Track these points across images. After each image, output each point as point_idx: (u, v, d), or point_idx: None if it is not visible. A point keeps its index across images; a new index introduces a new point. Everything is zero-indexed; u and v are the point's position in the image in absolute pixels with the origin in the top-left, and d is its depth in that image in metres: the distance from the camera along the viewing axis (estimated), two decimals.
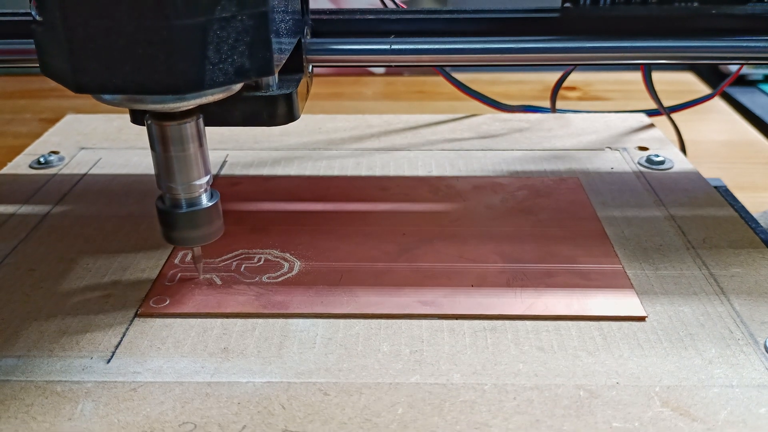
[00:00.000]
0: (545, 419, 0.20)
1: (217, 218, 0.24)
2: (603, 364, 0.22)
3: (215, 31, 0.18)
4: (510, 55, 0.28)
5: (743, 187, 0.38)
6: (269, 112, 0.25)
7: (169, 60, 0.18)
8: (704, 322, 0.24)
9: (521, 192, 0.33)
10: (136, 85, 0.18)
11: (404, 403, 0.20)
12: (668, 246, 0.28)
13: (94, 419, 0.20)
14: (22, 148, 0.38)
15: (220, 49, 0.18)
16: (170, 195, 0.23)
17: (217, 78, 0.19)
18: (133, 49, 0.18)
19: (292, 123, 0.25)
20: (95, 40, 0.18)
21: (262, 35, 0.19)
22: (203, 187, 0.23)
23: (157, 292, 0.25)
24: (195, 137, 0.23)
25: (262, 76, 0.20)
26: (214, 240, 0.24)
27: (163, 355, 0.22)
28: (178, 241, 0.24)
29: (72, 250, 0.28)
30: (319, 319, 0.24)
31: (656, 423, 0.19)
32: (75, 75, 0.18)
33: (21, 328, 0.24)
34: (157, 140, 0.22)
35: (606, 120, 0.42)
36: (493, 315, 0.24)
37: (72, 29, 0.18)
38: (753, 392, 0.21)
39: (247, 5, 0.18)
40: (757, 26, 0.27)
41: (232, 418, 0.20)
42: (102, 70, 0.18)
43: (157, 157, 0.23)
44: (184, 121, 0.22)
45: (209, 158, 0.24)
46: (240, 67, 0.19)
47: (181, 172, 0.23)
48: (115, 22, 0.18)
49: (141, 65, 0.18)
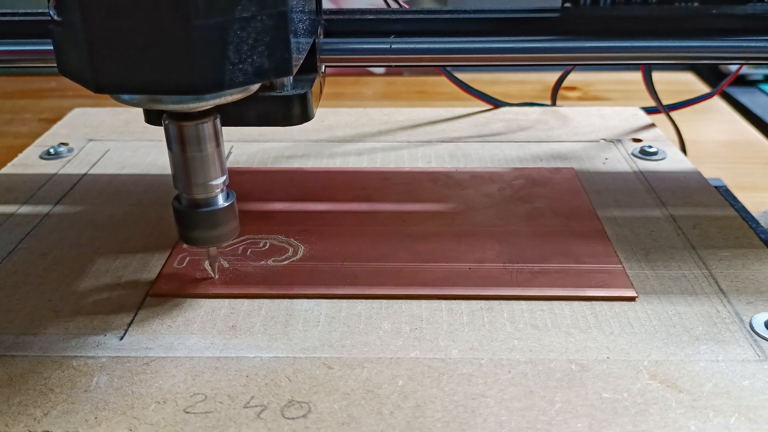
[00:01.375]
0: (538, 390, 0.21)
1: (233, 218, 0.24)
2: (594, 341, 0.23)
3: (235, 31, 0.18)
4: (510, 55, 0.29)
5: (743, 187, 0.38)
6: (284, 113, 0.25)
7: (189, 60, 0.18)
8: (692, 302, 0.25)
9: (518, 181, 0.34)
10: (155, 86, 0.18)
11: (404, 375, 0.21)
12: (660, 234, 0.29)
13: (109, 391, 0.21)
14: (22, 148, 0.38)
15: (239, 49, 0.18)
16: (187, 195, 0.23)
17: (237, 78, 0.19)
18: (152, 49, 0.18)
19: None
20: (115, 40, 0.18)
21: (282, 35, 0.19)
22: (220, 188, 0.23)
23: (167, 274, 0.26)
24: (212, 137, 0.23)
25: (281, 76, 0.20)
26: (230, 240, 0.24)
27: (173, 332, 0.23)
28: (195, 241, 0.24)
29: (83, 236, 0.29)
30: (323, 300, 0.25)
31: (644, 394, 0.20)
32: (94, 75, 0.18)
33: (36, 308, 0.25)
34: (175, 140, 0.22)
35: (602, 114, 0.43)
36: (489, 295, 0.25)
37: (92, 29, 0.18)
38: (737, 366, 0.22)
39: (266, 5, 0.19)
40: (757, 26, 0.27)
41: (240, 389, 0.21)
42: (121, 70, 0.18)
43: (174, 157, 0.23)
44: (202, 121, 0.22)
45: (225, 158, 0.24)
46: (259, 67, 0.19)
47: (198, 172, 0.23)
48: (135, 22, 0.18)
49: (161, 65, 0.18)
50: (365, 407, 0.20)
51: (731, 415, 0.20)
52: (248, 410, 0.20)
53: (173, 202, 0.24)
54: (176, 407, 0.20)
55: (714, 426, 0.19)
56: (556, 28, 0.28)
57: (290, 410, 0.20)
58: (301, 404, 0.20)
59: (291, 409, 0.20)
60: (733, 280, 0.26)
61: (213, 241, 0.24)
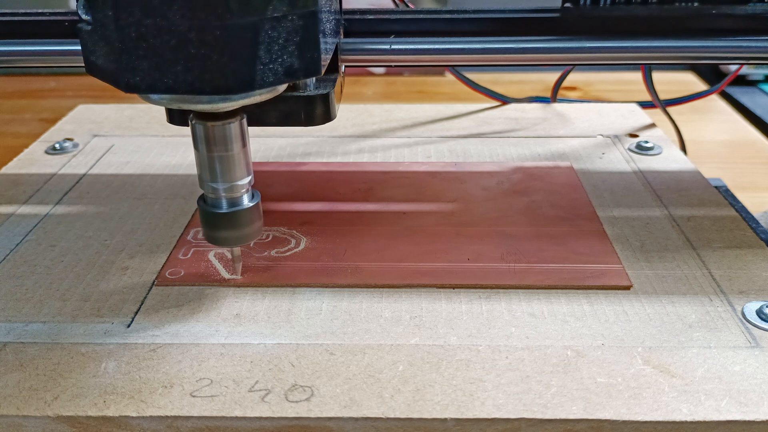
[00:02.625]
0: (535, 375, 0.21)
1: (258, 219, 0.24)
2: (590, 328, 0.23)
3: (266, 30, 0.18)
4: (510, 55, 0.29)
5: (744, 187, 0.38)
6: (307, 113, 0.25)
7: (222, 60, 0.18)
8: (686, 291, 0.25)
9: (516, 175, 0.34)
10: (186, 86, 0.18)
11: (404, 361, 0.22)
12: (655, 226, 0.30)
13: (117, 376, 0.21)
14: (21, 148, 0.39)
15: (270, 49, 0.19)
16: (212, 195, 0.23)
17: (267, 78, 0.19)
18: (185, 48, 0.18)
19: None
20: (147, 39, 0.18)
21: (312, 35, 0.19)
22: (245, 188, 0.24)
23: (173, 265, 0.27)
24: (239, 137, 0.23)
25: (310, 76, 0.20)
26: (254, 240, 0.24)
27: (179, 320, 0.24)
28: (220, 241, 0.24)
29: (90, 228, 0.30)
30: (325, 289, 0.26)
31: (638, 379, 0.21)
32: (125, 75, 0.18)
33: (45, 297, 0.25)
34: (201, 140, 0.22)
35: (599, 109, 0.44)
36: (487, 285, 0.26)
37: (123, 29, 0.18)
38: (729, 352, 0.22)
39: (297, 5, 0.19)
40: (758, 26, 0.27)
41: (245, 374, 0.21)
42: (152, 70, 0.18)
43: (201, 157, 0.23)
44: (229, 121, 0.22)
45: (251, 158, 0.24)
46: (289, 67, 0.19)
47: (224, 172, 0.23)
48: (168, 22, 0.18)
49: (193, 65, 0.18)
50: (366, 391, 0.21)
51: (722, 399, 0.20)
52: (253, 394, 0.21)
53: (198, 201, 0.24)
54: (182, 391, 0.21)
55: (705, 409, 0.20)
56: (556, 28, 0.28)
57: (294, 394, 0.21)
58: (304, 388, 0.21)
59: (294, 393, 0.21)
60: (726, 270, 0.26)
61: (238, 241, 0.24)
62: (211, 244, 0.25)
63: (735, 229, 0.29)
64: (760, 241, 0.28)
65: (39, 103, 0.59)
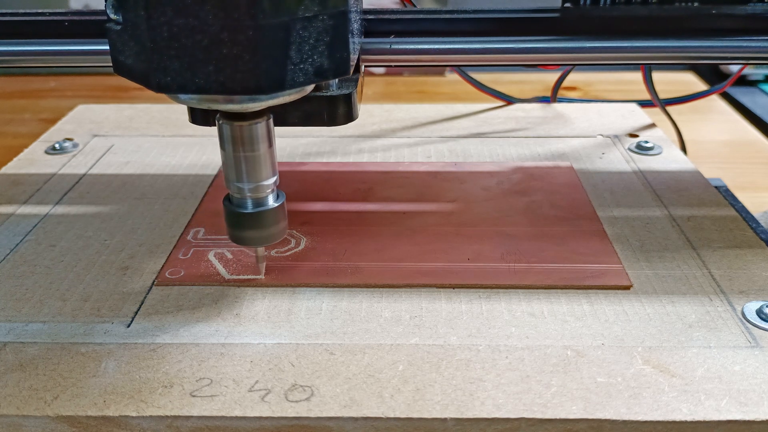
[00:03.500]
0: (535, 375, 0.21)
1: (283, 219, 0.24)
2: (590, 328, 0.23)
3: (298, 30, 0.18)
4: (510, 55, 0.29)
5: (744, 187, 0.38)
6: (330, 113, 0.25)
7: (253, 60, 0.18)
8: (686, 291, 0.25)
9: (516, 175, 0.34)
10: (218, 86, 0.18)
11: (404, 361, 0.22)
12: (654, 226, 0.30)
13: (117, 376, 0.21)
14: (21, 148, 0.39)
15: (301, 49, 0.19)
16: (238, 195, 0.23)
17: (298, 78, 0.19)
18: (217, 48, 0.18)
19: None
20: (179, 39, 0.18)
21: (341, 35, 0.19)
22: (271, 188, 0.24)
23: (172, 265, 0.27)
24: (265, 137, 0.23)
25: (339, 76, 0.20)
26: (279, 240, 0.25)
27: (179, 320, 0.24)
28: (244, 240, 0.24)
29: (90, 228, 0.30)
30: (325, 289, 0.26)
31: (638, 378, 0.21)
32: (156, 74, 0.18)
33: (45, 297, 0.25)
34: (228, 140, 0.22)
35: (599, 109, 0.44)
36: (487, 285, 0.26)
37: (155, 28, 0.18)
38: (729, 352, 0.22)
39: (328, 5, 0.19)
40: (758, 26, 0.27)
41: (245, 374, 0.21)
42: (184, 70, 0.18)
43: (227, 157, 0.23)
44: (256, 121, 0.22)
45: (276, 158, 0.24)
46: (319, 67, 0.19)
47: (249, 172, 0.23)
48: (200, 22, 0.18)
49: (224, 65, 0.18)
50: (366, 391, 0.21)
51: (722, 399, 0.20)
52: (253, 394, 0.21)
53: (224, 201, 0.24)
54: (182, 391, 0.21)
55: (705, 409, 0.20)
56: (556, 28, 0.28)
57: (294, 393, 0.21)
58: (304, 388, 0.21)
59: (294, 393, 0.21)
60: (726, 270, 0.26)
61: (262, 241, 0.24)
62: (236, 244, 0.25)
63: (735, 229, 0.29)
64: (760, 241, 0.28)
65: (39, 103, 0.59)
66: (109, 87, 0.62)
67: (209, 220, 0.30)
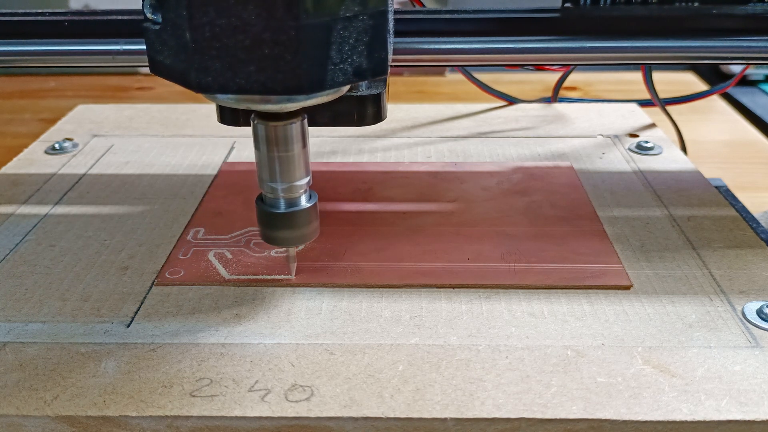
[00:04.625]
0: (535, 375, 0.21)
1: (315, 219, 0.24)
2: (590, 328, 0.23)
3: (338, 30, 0.18)
4: (510, 55, 0.29)
5: (744, 187, 0.38)
6: (359, 113, 0.25)
7: (295, 60, 0.18)
8: (686, 291, 0.25)
9: (516, 175, 0.34)
10: (258, 86, 0.18)
11: (404, 361, 0.22)
12: (655, 226, 0.30)
13: (117, 376, 0.21)
14: (21, 147, 0.39)
15: (341, 49, 0.19)
16: (271, 195, 0.23)
17: (337, 78, 0.19)
18: (259, 48, 0.18)
19: None
20: (221, 39, 0.18)
21: (381, 35, 0.19)
22: (304, 188, 0.24)
23: (172, 265, 0.27)
24: (299, 138, 0.23)
25: (377, 76, 0.20)
26: (311, 241, 0.25)
27: (179, 320, 0.24)
28: (277, 240, 0.24)
29: (89, 228, 0.30)
30: (325, 289, 0.26)
31: (638, 378, 0.21)
32: (197, 74, 0.18)
33: (44, 297, 0.25)
34: (262, 140, 0.22)
35: (599, 109, 0.44)
36: (487, 285, 0.26)
37: (197, 28, 0.18)
38: (729, 352, 0.22)
39: (368, 4, 0.19)
40: (758, 26, 0.27)
41: (245, 374, 0.21)
42: (225, 70, 0.18)
43: (261, 157, 0.23)
44: (291, 121, 0.22)
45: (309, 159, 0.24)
46: (358, 67, 0.19)
47: (283, 172, 0.23)
48: (243, 22, 0.18)
49: (266, 65, 0.18)
50: (366, 391, 0.21)
51: (722, 399, 0.20)
52: (252, 394, 0.21)
53: (256, 201, 0.24)
54: (182, 391, 0.21)
55: (705, 409, 0.20)
56: (556, 28, 0.28)
57: (293, 393, 0.21)
58: (304, 388, 0.21)
59: (294, 393, 0.21)
60: (726, 270, 0.26)
61: (295, 241, 0.24)
62: (268, 244, 0.25)
63: (735, 229, 0.29)
64: (760, 241, 0.28)
65: (39, 103, 0.59)
66: (109, 87, 0.62)
67: (209, 220, 0.30)
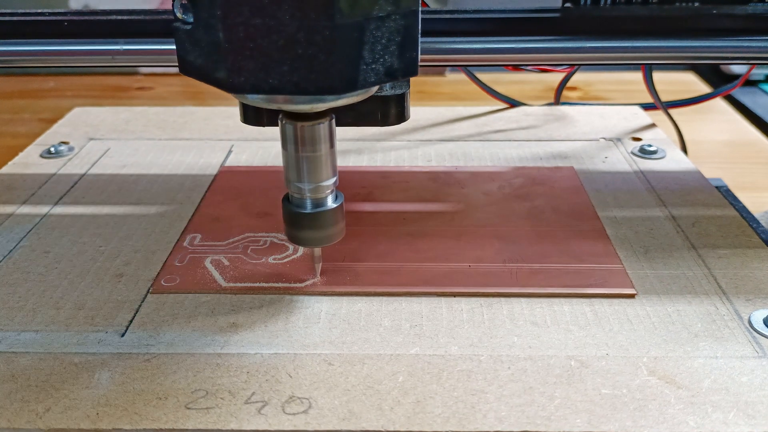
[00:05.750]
0: (538, 386, 0.21)
1: (341, 219, 0.24)
2: (593, 337, 0.23)
3: (371, 30, 0.18)
4: (510, 55, 0.29)
5: (744, 188, 0.38)
6: (383, 113, 0.25)
7: (329, 60, 0.18)
8: (691, 299, 0.25)
9: (518, 180, 0.34)
10: (291, 86, 0.18)
11: (404, 372, 0.21)
12: (659, 231, 0.29)
13: (111, 387, 0.21)
14: (21, 148, 0.39)
15: (374, 48, 0.19)
16: (298, 195, 0.23)
17: (369, 78, 0.19)
18: (292, 49, 0.18)
19: None
20: (255, 39, 0.18)
21: (412, 34, 0.19)
22: (330, 189, 0.24)
23: (168, 272, 0.26)
24: (327, 138, 0.23)
25: (408, 76, 0.20)
26: (336, 241, 0.25)
27: (174, 329, 0.23)
28: (303, 240, 0.24)
29: (84, 234, 0.29)
30: (323, 297, 0.25)
31: (643, 390, 0.21)
32: (229, 75, 0.18)
33: (38, 305, 0.25)
34: (290, 140, 0.22)
35: (601, 113, 0.43)
36: (489, 292, 0.25)
37: (231, 28, 0.18)
38: (736, 363, 0.22)
39: (401, 4, 0.19)
40: (759, 26, 0.27)
41: (241, 385, 0.21)
42: (258, 70, 0.18)
43: (288, 157, 0.23)
44: (319, 121, 0.22)
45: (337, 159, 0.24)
46: (390, 66, 0.19)
47: (310, 172, 0.23)
48: (277, 22, 0.18)
49: (299, 65, 0.18)
50: (365, 403, 0.20)
51: (729, 411, 0.20)
52: (249, 406, 0.20)
53: (283, 201, 0.24)
54: (177, 403, 0.20)
55: (712, 421, 0.19)
56: (556, 28, 0.28)
57: (291, 406, 0.20)
58: (301, 400, 0.20)
59: (292, 405, 0.20)
60: (732, 277, 0.26)
61: (321, 241, 0.24)
62: (294, 244, 0.25)
63: (741, 234, 0.29)
64: (766, 247, 0.28)
65: (38, 103, 0.59)
66: (109, 87, 0.62)
67: (206, 225, 0.30)
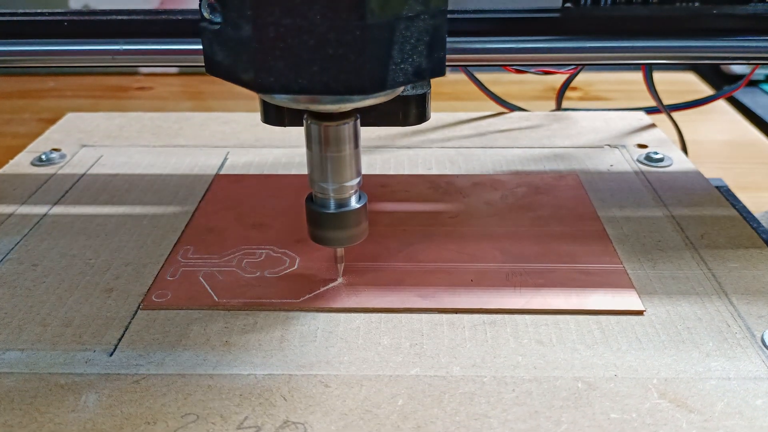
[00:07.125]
0: (544, 411, 0.20)
1: (364, 220, 0.24)
2: (601, 357, 0.22)
3: (401, 30, 0.18)
4: (510, 55, 0.28)
5: (745, 188, 0.38)
6: (404, 113, 0.25)
7: (359, 60, 0.18)
8: (702, 316, 0.24)
9: (521, 189, 0.33)
10: (321, 86, 0.18)
11: (404, 394, 0.20)
12: (667, 243, 0.28)
13: (98, 410, 0.20)
14: (20, 148, 0.38)
15: (403, 48, 0.18)
16: (321, 195, 0.23)
17: (398, 78, 0.19)
18: (323, 49, 0.18)
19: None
20: (285, 39, 0.18)
21: (440, 34, 0.19)
22: (354, 189, 0.23)
23: (160, 287, 0.25)
24: (352, 138, 0.22)
25: (435, 76, 0.20)
26: (359, 242, 0.24)
27: (165, 348, 0.23)
28: (325, 240, 0.24)
29: (74, 246, 0.28)
30: (320, 313, 0.24)
31: (653, 414, 0.20)
32: (259, 75, 0.18)
33: (24, 322, 0.24)
34: (315, 140, 0.22)
35: (605, 118, 0.42)
36: (492, 309, 0.24)
37: (262, 28, 0.18)
38: (750, 384, 0.21)
39: (430, 4, 0.19)
40: (759, 26, 0.27)
41: (234, 409, 0.20)
42: (288, 71, 0.18)
43: (312, 157, 0.23)
44: (344, 122, 0.22)
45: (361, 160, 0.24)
46: (418, 66, 0.19)
47: (334, 172, 0.23)
48: (308, 22, 0.17)
49: (329, 65, 0.18)
50: (363, 428, 0.19)
51: None
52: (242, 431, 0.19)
53: (306, 200, 0.24)
54: (167, 428, 0.19)
55: None
56: (557, 28, 0.28)
57: (285, 431, 0.19)
58: (296, 425, 0.19)
59: (286, 430, 0.19)
60: (743, 293, 0.25)
61: (343, 241, 0.24)
62: (317, 243, 0.24)
63: (751, 247, 0.28)
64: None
65: (38, 103, 0.58)
66: (108, 87, 0.62)
67: (200, 237, 0.29)
